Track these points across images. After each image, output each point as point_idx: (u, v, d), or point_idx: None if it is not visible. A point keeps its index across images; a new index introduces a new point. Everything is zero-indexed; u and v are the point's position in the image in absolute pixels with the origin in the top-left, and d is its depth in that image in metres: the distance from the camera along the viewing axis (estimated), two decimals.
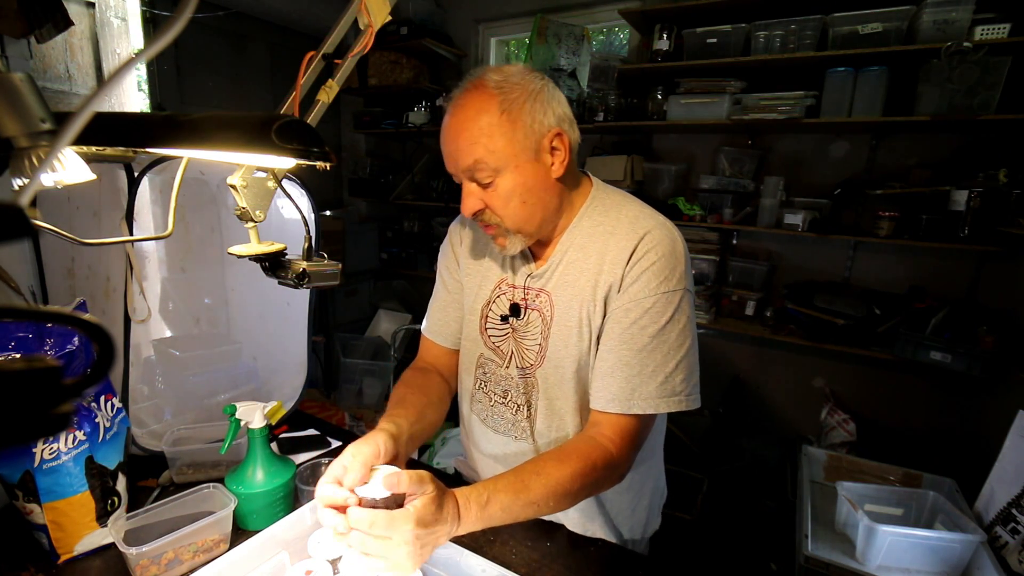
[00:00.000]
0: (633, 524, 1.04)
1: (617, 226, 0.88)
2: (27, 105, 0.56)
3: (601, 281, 0.86)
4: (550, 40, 2.75)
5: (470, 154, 0.81)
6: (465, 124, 0.81)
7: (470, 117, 0.80)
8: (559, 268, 0.91)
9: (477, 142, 0.80)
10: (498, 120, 0.80)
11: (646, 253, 0.84)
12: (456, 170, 0.84)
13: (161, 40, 0.34)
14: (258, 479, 0.94)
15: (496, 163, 0.81)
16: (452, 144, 0.82)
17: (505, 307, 0.95)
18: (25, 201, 0.31)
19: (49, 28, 1.24)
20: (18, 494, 0.83)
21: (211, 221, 1.44)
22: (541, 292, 0.92)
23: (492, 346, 0.98)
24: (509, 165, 0.81)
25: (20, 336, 0.79)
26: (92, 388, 0.69)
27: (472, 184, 0.84)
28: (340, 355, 3.15)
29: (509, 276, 0.97)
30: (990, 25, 1.86)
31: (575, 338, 0.88)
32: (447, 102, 0.86)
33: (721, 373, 2.80)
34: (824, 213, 2.30)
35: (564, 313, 0.89)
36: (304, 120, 0.65)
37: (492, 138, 0.80)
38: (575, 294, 0.89)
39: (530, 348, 0.93)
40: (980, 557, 1.27)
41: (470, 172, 0.82)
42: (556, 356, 0.90)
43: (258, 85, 3.09)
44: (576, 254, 0.90)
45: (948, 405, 2.27)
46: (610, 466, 0.82)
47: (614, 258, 0.86)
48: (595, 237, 0.89)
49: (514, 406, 0.97)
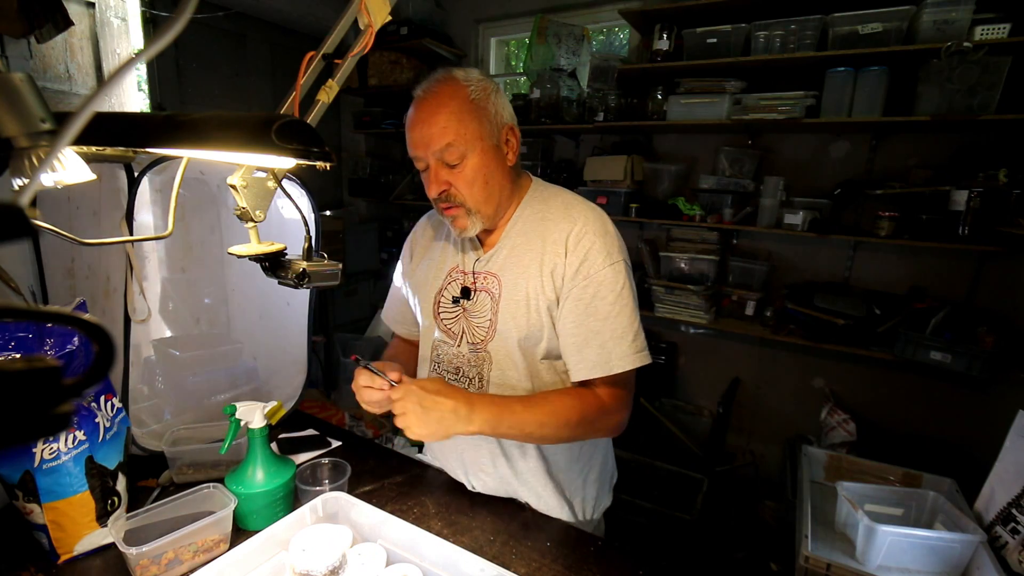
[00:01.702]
0: (585, 497, 1.11)
1: (554, 213, 0.99)
2: (27, 105, 0.56)
3: (546, 261, 0.96)
4: (550, 40, 2.75)
5: (443, 136, 0.89)
6: (439, 109, 0.90)
7: (443, 103, 0.90)
8: (504, 252, 1.00)
9: (449, 125, 0.89)
10: (468, 107, 0.90)
11: (584, 235, 0.94)
12: (426, 153, 0.91)
13: (161, 40, 0.34)
14: (258, 479, 0.94)
15: (465, 145, 0.90)
16: (424, 128, 0.90)
17: (456, 291, 1.04)
18: (25, 201, 0.31)
19: (49, 28, 1.24)
20: (18, 494, 0.83)
21: (211, 221, 1.44)
22: (489, 275, 1.01)
23: (444, 328, 1.06)
24: (476, 149, 0.91)
25: (20, 336, 0.79)
26: (92, 388, 0.69)
27: (440, 166, 0.92)
28: (340, 355, 3.16)
29: (460, 264, 1.06)
30: (990, 25, 1.86)
31: (523, 311, 0.97)
32: (414, 94, 0.94)
33: (721, 373, 2.80)
34: (824, 213, 2.30)
35: (511, 291, 0.98)
36: (304, 120, 0.65)
37: (463, 122, 0.90)
38: (520, 273, 0.97)
39: (480, 325, 1.01)
40: (980, 557, 1.26)
41: (440, 153, 0.90)
42: (505, 329, 0.98)
43: (258, 85, 3.08)
44: (519, 239, 1.00)
45: (948, 405, 2.26)
46: (604, 411, 0.94)
47: (554, 240, 0.96)
48: (534, 223, 0.99)
49: (466, 380, 1.04)
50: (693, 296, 2.52)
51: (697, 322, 2.57)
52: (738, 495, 2.60)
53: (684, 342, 2.90)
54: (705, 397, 2.85)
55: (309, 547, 0.70)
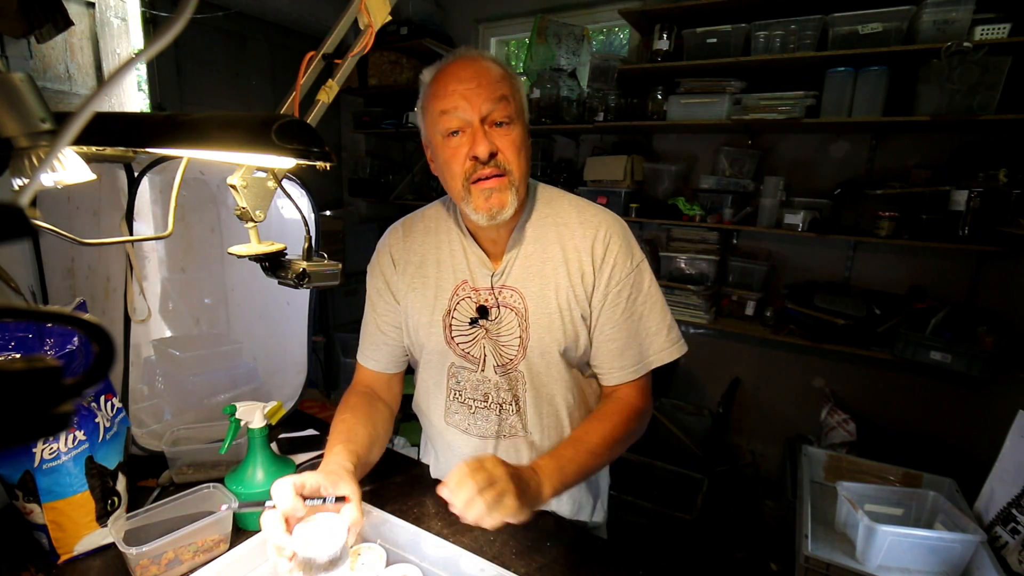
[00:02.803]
0: (599, 497, 1.11)
1: (566, 217, 0.94)
2: (27, 105, 0.56)
3: (572, 269, 0.91)
4: (550, 40, 2.75)
5: (498, 88, 0.82)
6: (487, 66, 0.83)
7: (489, 64, 0.83)
8: (518, 262, 0.93)
9: (504, 79, 0.83)
10: (511, 76, 0.85)
11: (609, 241, 0.91)
12: (475, 104, 0.81)
13: (161, 40, 0.34)
14: (258, 479, 0.94)
15: (516, 107, 0.84)
16: (474, 77, 0.81)
17: (470, 310, 0.94)
18: (25, 201, 0.31)
19: (49, 28, 1.24)
20: (18, 494, 0.83)
21: (211, 221, 1.44)
22: (505, 288, 0.93)
23: (462, 352, 0.97)
24: (521, 118, 0.86)
25: (20, 336, 0.79)
26: (92, 388, 0.69)
27: (485, 127, 0.82)
28: (340, 355, 3.16)
29: (468, 280, 0.95)
30: (990, 25, 1.86)
31: (557, 322, 0.91)
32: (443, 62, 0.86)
33: (721, 373, 2.80)
34: (824, 213, 2.30)
35: (539, 302, 0.92)
36: (304, 120, 0.65)
37: (512, 84, 0.84)
38: (546, 284, 0.92)
39: (508, 344, 0.94)
40: (980, 557, 1.26)
41: (491, 108, 0.81)
42: (540, 344, 0.92)
43: (258, 85, 3.08)
44: (533, 246, 0.93)
45: (948, 405, 2.26)
46: (642, 415, 0.94)
47: (577, 247, 0.92)
48: (547, 228, 0.93)
49: (496, 407, 0.97)
50: (693, 296, 2.52)
51: (697, 322, 2.57)
52: (738, 495, 2.61)
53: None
54: (705, 397, 2.85)
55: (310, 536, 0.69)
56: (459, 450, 1.04)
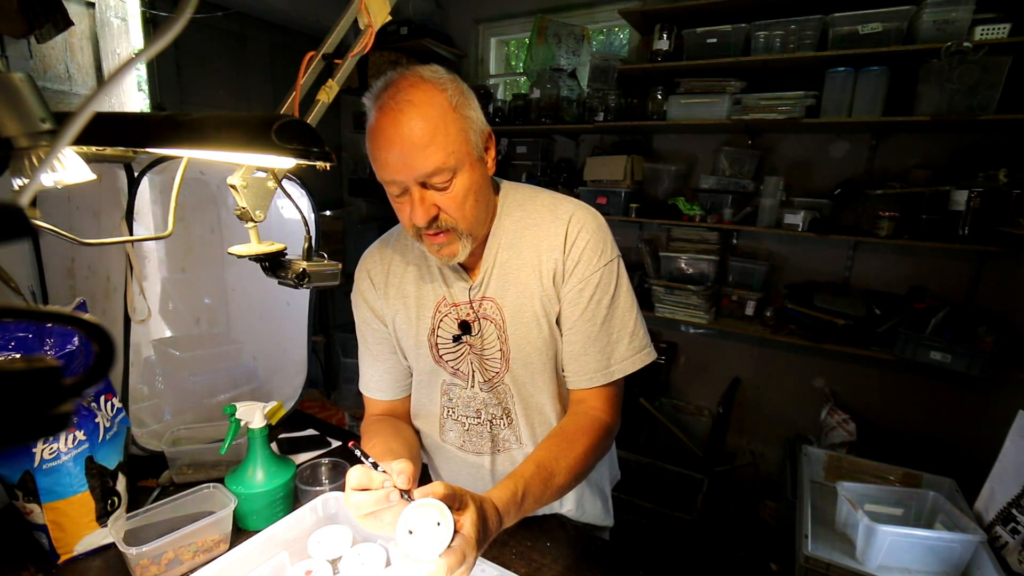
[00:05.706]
0: (605, 508, 1.08)
1: (539, 217, 0.89)
2: (27, 105, 0.56)
3: (544, 271, 0.88)
4: (550, 40, 2.75)
5: (430, 160, 0.74)
6: (419, 125, 0.73)
7: (423, 114, 0.73)
8: (495, 272, 0.90)
9: (436, 142, 0.74)
10: (452, 116, 0.75)
11: (579, 234, 0.87)
12: (408, 177, 0.75)
13: (161, 40, 0.34)
14: (258, 479, 0.94)
15: (455, 163, 0.76)
16: (404, 148, 0.74)
17: (453, 327, 0.92)
18: (25, 201, 0.31)
19: (49, 28, 1.24)
20: (18, 494, 0.83)
21: (211, 221, 1.44)
22: (484, 300, 0.90)
23: (452, 370, 0.95)
24: (464, 164, 0.77)
25: (20, 336, 0.79)
26: (92, 388, 0.69)
27: (422, 190, 0.77)
28: (340, 355, 3.16)
29: (446, 296, 0.92)
30: (990, 25, 1.86)
31: (535, 330, 0.89)
32: (376, 102, 0.77)
33: (721, 373, 2.80)
34: (824, 213, 2.30)
35: (516, 311, 0.89)
36: (304, 120, 0.65)
37: (448, 137, 0.75)
38: (521, 290, 0.89)
39: (491, 357, 0.92)
40: (980, 557, 1.26)
41: (427, 178, 0.76)
42: (521, 354, 0.90)
43: (258, 85, 3.08)
44: (507, 254, 0.89)
45: (948, 405, 2.26)
46: (609, 432, 0.89)
47: (549, 246, 0.88)
48: (520, 233, 0.89)
49: (488, 423, 0.96)
50: (693, 296, 2.52)
51: (697, 322, 2.57)
52: (738, 495, 2.61)
53: (684, 342, 2.90)
54: (705, 397, 2.85)
55: (416, 529, 0.65)
56: (455, 471, 1.03)
